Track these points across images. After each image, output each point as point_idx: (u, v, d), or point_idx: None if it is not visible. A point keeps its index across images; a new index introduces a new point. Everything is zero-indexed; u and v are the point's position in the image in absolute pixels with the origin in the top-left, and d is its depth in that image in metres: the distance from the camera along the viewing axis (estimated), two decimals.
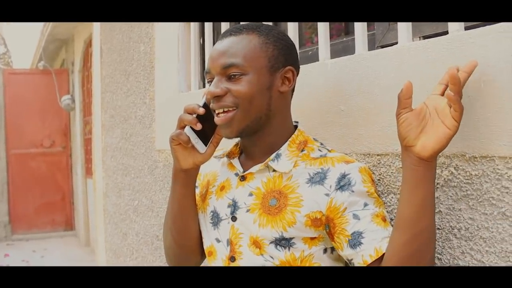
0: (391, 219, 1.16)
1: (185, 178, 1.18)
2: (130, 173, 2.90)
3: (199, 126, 1.10)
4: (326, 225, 1.07)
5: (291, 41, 1.18)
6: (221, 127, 1.12)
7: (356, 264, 1.03)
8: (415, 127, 0.96)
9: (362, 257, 1.01)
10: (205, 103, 1.12)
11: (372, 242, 1.01)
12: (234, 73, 1.08)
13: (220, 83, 1.10)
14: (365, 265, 1.01)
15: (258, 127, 1.13)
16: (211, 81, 1.13)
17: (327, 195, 1.06)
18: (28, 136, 6.96)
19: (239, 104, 1.09)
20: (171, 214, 1.24)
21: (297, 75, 1.16)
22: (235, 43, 1.10)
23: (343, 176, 1.06)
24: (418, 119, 0.96)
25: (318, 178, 1.08)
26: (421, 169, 0.96)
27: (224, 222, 1.17)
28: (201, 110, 1.10)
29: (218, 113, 1.11)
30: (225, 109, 1.09)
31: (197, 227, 1.24)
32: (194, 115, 1.10)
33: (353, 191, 1.04)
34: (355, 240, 1.02)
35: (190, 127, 1.10)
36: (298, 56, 1.21)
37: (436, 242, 1.06)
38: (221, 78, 1.10)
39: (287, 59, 1.14)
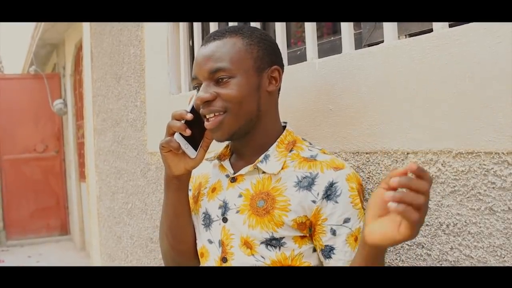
0: None
1: (178, 184, 1.18)
2: (123, 176, 2.90)
3: (188, 132, 1.10)
4: (309, 228, 1.09)
5: (274, 40, 1.19)
6: (212, 131, 1.12)
7: None
8: (378, 208, 0.86)
9: None
10: (192, 107, 1.12)
11: (338, 262, 1.06)
12: (222, 77, 1.09)
13: (209, 88, 1.10)
14: None
15: (249, 129, 1.13)
16: (198, 87, 1.13)
17: (314, 202, 1.07)
18: (21, 141, 6.92)
19: (229, 108, 1.09)
20: (167, 220, 1.24)
21: (282, 74, 1.17)
22: (219, 47, 1.11)
23: (331, 185, 1.07)
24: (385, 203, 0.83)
25: (306, 183, 1.09)
26: (366, 251, 0.92)
27: (215, 223, 1.17)
28: (189, 116, 1.10)
29: (209, 118, 1.11)
30: (216, 113, 1.10)
31: (193, 231, 1.25)
32: (183, 121, 1.10)
33: (337, 202, 1.06)
34: (326, 253, 1.07)
35: (180, 133, 1.10)
36: (282, 55, 1.22)
37: (426, 238, 1.07)
38: (209, 83, 1.10)
39: (272, 59, 1.15)
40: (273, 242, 1.08)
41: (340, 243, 1.06)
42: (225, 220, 1.15)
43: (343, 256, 1.05)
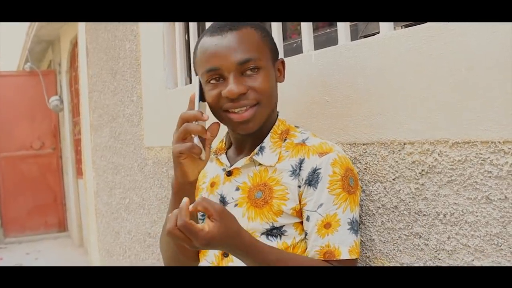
0: (378, 207, 1.17)
1: (191, 189, 1.13)
2: (120, 172, 2.90)
3: (208, 135, 1.04)
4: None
5: None
6: (243, 124, 1.09)
7: None
8: None
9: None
10: (198, 106, 1.07)
11: (309, 248, 1.08)
12: (251, 68, 1.06)
13: (239, 80, 1.06)
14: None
15: (268, 119, 1.14)
16: (216, 78, 1.08)
17: (299, 187, 1.09)
18: (17, 139, 6.90)
19: (261, 100, 1.08)
20: None
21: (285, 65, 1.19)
22: (242, 38, 1.07)
23: (314, 171, 1.07)
24: None
25: (298, 170, 1.10)
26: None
27: None
28: (206, 117, 1.03)
29: (238, 111, 1.07)
30: (247, 106, 1.08)
31: None
32: (196, 122, 1.04)
33: (316, 188, 1.07)
34: (305, 235, 1.10)
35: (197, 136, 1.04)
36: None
37: (423, 228, 1.07)
38: (236, 75, 1.06)
39: (277, 51, 1.17)
40: (274, 232, 1.09)
41: (311, 228, 1.07)
42: None
43: (312, 242, 1.06)
